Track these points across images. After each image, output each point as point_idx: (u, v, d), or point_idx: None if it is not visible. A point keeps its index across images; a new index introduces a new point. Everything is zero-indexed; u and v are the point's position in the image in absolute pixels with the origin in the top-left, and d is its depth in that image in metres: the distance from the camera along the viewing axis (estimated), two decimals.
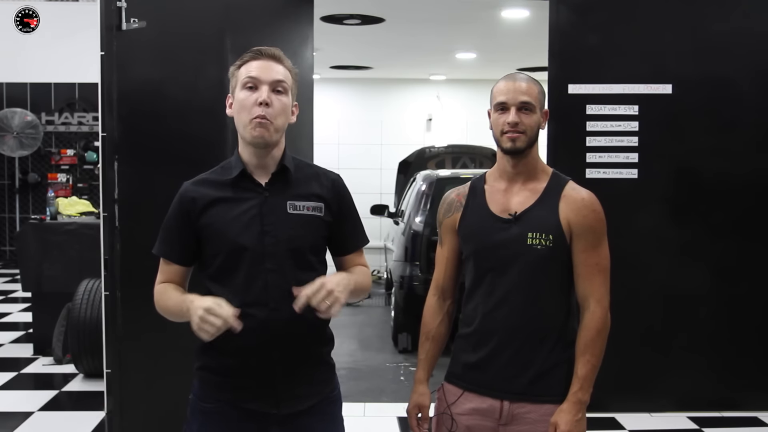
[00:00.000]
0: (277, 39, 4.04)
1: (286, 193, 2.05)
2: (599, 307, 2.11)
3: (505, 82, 2.16)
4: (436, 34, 7.75)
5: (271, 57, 2.03)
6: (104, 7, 3.72)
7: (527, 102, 2.12)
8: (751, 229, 4.76)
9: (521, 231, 2.11)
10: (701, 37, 4.68)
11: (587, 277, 2.11)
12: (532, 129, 2.13)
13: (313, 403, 2.07)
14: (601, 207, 2.15)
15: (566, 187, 2.16)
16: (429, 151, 9.23)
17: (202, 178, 2.10)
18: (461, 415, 2.17)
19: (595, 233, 2.11)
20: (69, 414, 4.79)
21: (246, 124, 2.00)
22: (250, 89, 2.00)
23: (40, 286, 5.93)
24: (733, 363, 4.75)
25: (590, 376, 2.08)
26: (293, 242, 2.01)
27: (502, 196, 2.17)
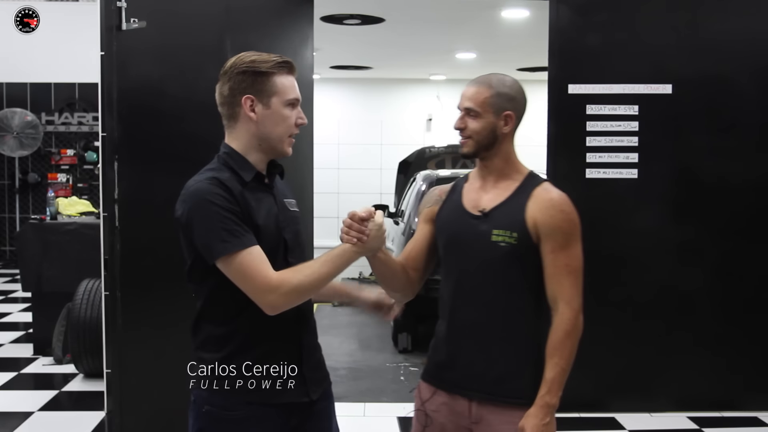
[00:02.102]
0: (277, 39, 4.04)
1: (280, 192, 2.14)
2: (568, 308, 2.09)
3: (465, 85, 2.20)
4: (436, 34, 7.74)
5: (295, 73, 2.09)
6: (104, 7, 3.73)
7: (469, 108, 2.15)
8: (750, 228, 4.76)
9: (488, 228, 2.13)
10: (701, 37, 4.68)
11: (556, 278, 2.10)
12: (479, 134, 2.14)
13: (327, 387, 2.17)
14: (572, 208, 2.13)
15: (538, 187, 2.16)
16: (429, 151, 9.23)
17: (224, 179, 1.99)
18: (436, 412, 2.20)
19: (564, 234, 2.10)
20: (69, 414, 4.79)
21: (282, 139, 2.06)
22: (292, 107, 2.05)
23: (40, 286, 5.93)
24: (733, 363, 4.75)
25: (558, 379, 2.07)
26: (301, 236, 2.15)
27: (476, 193, 2.21)
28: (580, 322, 2.11)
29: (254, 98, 2.02)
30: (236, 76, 2.03)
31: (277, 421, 2.03)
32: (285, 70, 2.05)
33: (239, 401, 2.00)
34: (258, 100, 2.02)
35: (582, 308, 2.12)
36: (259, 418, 2.01)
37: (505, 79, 2.20)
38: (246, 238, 1.93)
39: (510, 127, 2.17)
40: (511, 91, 2.17)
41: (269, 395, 2.01)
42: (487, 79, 2.18)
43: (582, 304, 2.12)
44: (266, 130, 2.03)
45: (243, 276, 1.92)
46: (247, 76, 2.02)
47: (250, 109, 2.02)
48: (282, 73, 2.04)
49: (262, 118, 2.03)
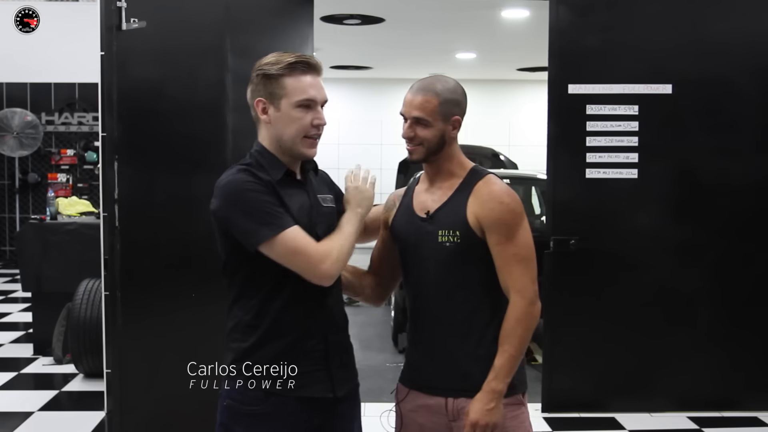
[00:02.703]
0: (277, 39, 4.04)
1: (314, 188, 2.15)
2: (520, 297, 2.09)
3: (408, 92, 2.20)
4: (436, 34, 7.75)
5: (317, 71, 2.08)
6: (104, 7, 3.72)
7: (419, 118, 2.15)
8: (750, 228, 4.76)
9: (433, 229, 2.15)
10: (701, 37, 4.68)
11: (506, 269, 2.11)
12: (431, 141, 2.15)
13: (353, 387, 2.19)
14: (512, 198, 2.13)
15: (479, 182, 2.16)
16: None
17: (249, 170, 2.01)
18: (412, 412, 2.23)
19: (506, 225, 2.10)
20: (69, 414, 4.79)
21: (297, 141, 2.04)
22: (305, 108, 2.03)
23: (40, 286, 5.93)
24: (733, 363, 4.75)
25: (507, 366, 2.08)
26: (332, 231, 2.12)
27: (424, 195, 2.24)
28: (535, 310, 2.11)
29: (266, 101, 2.03)
30: (254, 80, 2.07)
31: (299, 416, 2.03)
32: (299, 70, 2.03)
33: (259, 395, 2.00)
34: (269, 103, 2.03)
35: (537, 295, 2.12)
36: (280, 412, 2.01)
37: (448, 82, 2.20)
38: (285, 218, 1.97)
39: (457, 130, 2.19)
40: (456, 95, 2.19)
41: (290, 390, 2.01)
42: (432, 86, 2.17)
43: (536, 291, 2.12)
44: (279, 133, 2.04)
45: (293, 253, 1.95)
46: (260, 80, 2.04)
47: (263, 112, 2.05)
48: (295, 74, 2.02)
49: (274, 120, 2.04)
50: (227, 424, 2.04)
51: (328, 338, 2.09)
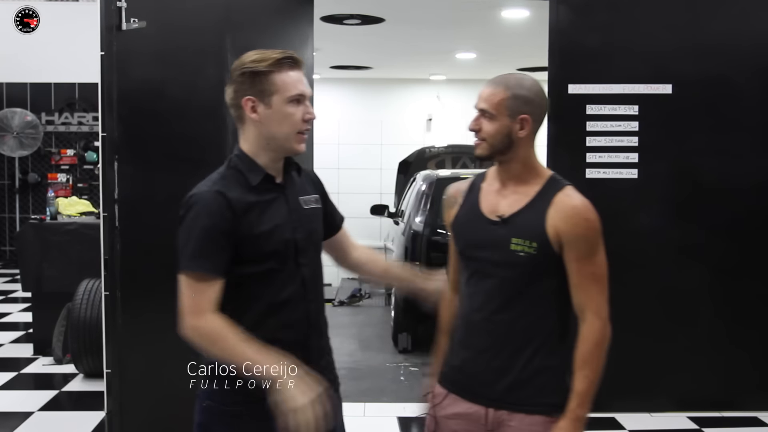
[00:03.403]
0: (277, 39, 4.04)
1: (294, 190, 2.11)
2: (597, 318, 2.03)
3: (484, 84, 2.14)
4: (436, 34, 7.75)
5: (302, 66, 2.06)
6: (104, 7, 3.72)
7: (483, 109, 2.08)
8: (751, 228, 4.76)
9: (506, 235, 2.05)
10: (701, 37, 4.68)
11: (582, 288, 2.03)
12: (493, 137, 2.06)
13: (336, 388, 2.18)
14: (595, 215, 2.06)
15: (560, 193, 2.07)
16: (429, 151, 9.24)
17: (223, 184, 2.00)
18: (447, 419, 2.16)
19: (588, 242, 2.03)
20: (69, 414, 4.79)
21: (290, 137, 2.03)
22: (296, 103, 2.01)
23: (40, 286, 5.93)
24: (733, 363, 4.75)
25: (589, 391, 2.02)
26: (314, 236, 2.13)
27: (494, 196, 2.13)
28: (608, 332, 2.05)
29: (255, 99, 2.00)
30: (238, 78, 2.02)
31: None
32: (286, 66, 2.01)
33: (239, 397, 1.99)
34: (259, 101, 2.00)
35: (609, 316, 2.05)
36: (260, 413, 1.98)
37: (524, 80, 2.11)
38: (212, 264, 1.93)
39: (526, 131, 2.07)
40: (529, 94, 2.07)
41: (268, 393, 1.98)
42: (505, 80, 2.09)
43: (609, 312, 2.05)
44: (271, 130, 2.01)
45: (185, 293, 1.95)
46: (247, 78, 2.00)
47: (252, 110, 2.01)
48: (283, 70, 2.00)
49: (265, 118, 2.01)
50: (207, 424, 2.03)
51: (310, 344, 2.07)
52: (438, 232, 6.40)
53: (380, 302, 8.71)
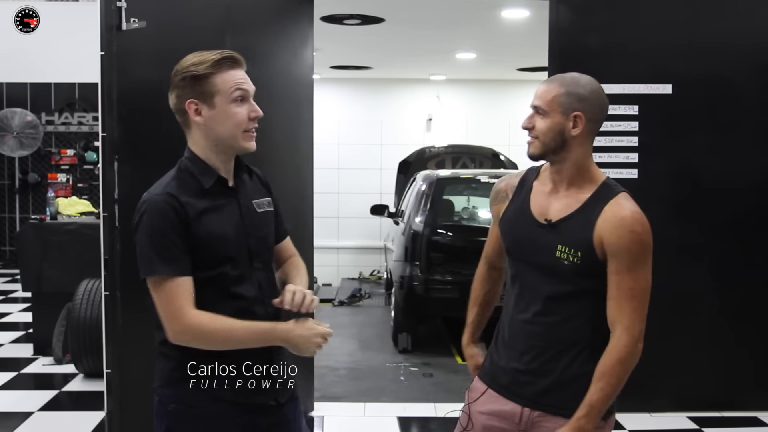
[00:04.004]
0: (277, 39, 4.04)
1: (247, 193, 2.09)
2: (626, 334, 1.97)
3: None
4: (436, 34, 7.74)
5: (243, 65, 2.04)
6: (104, 7, 3.72)
7: (536, 106, 2.05)
8: (751, 228, 4.76)
9: (552, 241, 2.02)
10: (701, 37, 4.68)
11: (617, 302, 1.97)
12: (545, 134, 2.02)
13: (295, 392, 2.15)
14: (645, 228, 1.99)
15: (611, 201, 2.02)
16: (429, 151, 9.23)
17: (174, 187, 1.99)
18: (481, 414, 2.16)
19: (631, 255, 1.96)
20: (69, 414, 4.79)
21: (237, 136, 2.00)
22: (240, 102, 1.99)
23: (40, 286, 5.92)
24: (733, 363, 4.75)
25: (600, 405, 1.97)
26: (268, 239, 2.11)
27: (545, 198, 2.10)
28: (638, 350, 1.99)
29: (198, 102, 1.99)
30: (179, 83, 2.02)
31: (244, 418, 2.02)
32: (225, 66, 2.00)
33: (206, 398, 1.98)
34: (202, 103, 1.99)
35: (642, 335, 1.99)
36: (226, 414, 2.00)
37: (581, 78, 2.08)
38: (177, 263, 1.92)
39: (580, 129, 2.02)
40: (584, 91, 2.04)
41: (237, 394, 2.00)
42: (561, 77, 2.07)
43: (643, 330, 1.99)
44: (217, 131, 2.00)
45: (159, 300, 1.93)
46: (187, 82, 2.00)
47: (196, 113, 2.00)
48: (222, 70, 1.99)
49: (209, 120, 1.99)
50: (173, 427, 2.01)
51: (272, 348, 2.04)
52: (438, 232, 6.41)
53: (380, 302, 8.71)
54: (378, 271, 10.31)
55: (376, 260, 10.28)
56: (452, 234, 6.54)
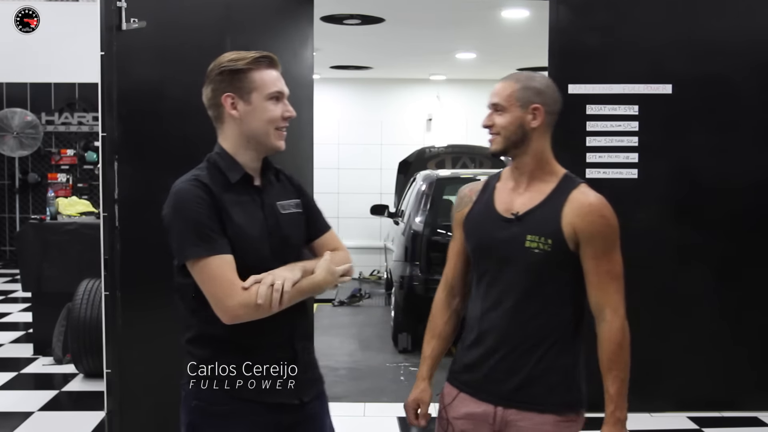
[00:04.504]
0: (277, 39, 4.04)
1: (273, 194, 2.11)
2: (616, 317, 2.03)
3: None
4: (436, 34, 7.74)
5: (279, 66, 2.08)
6: (104, 7, 3.72)
7: (495, 103, 2.11)
8: (750, 228, 4.76)
9: (520, 232, 2.05)
10: (701, 37, 4.68)
11: (600, 286, 2.03)
12: (507, 129, 2.08)
13: (321, 389, 2.16)
14: (611, 212, 2.06)
15: (575, 190, 2.07)
16: (429, 151, 9.23)
17: (204, 179, 2.01)
18: (457, 419, 2.16)
19: (604, 239, 2.02)
20: (69, 414, 4.79)
21: (269, 134, 2.04)
22: (276, 101, 2.04)
23: (40, 286, 5.93)
24: (733, 363, 4.75)
25: (622, 392, 2.03)
26: (292, 240, 2.10)
27: (508, 195, 2.13)
28: (628, 329, 2.06)
29: (234, 96, 2.03)
30: (216, 78, 2.07)
31: (267, 416, 2.03)
32: (264, 64, 2.04)
33: (226, 397, 2.00)
34: (238, 98, 2.03)
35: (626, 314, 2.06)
36: (248, 412, 2.01)
37: (535, 74, 2.16)
38: (218, 243, 1.93)
39: (539, 121, 2.09)
40: (540, 85, 2.11)
41: (258, 394, 2.01)
42: (515, 75, 2.14)
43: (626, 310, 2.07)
44: (251, 126, 2.03)
45: (209, 281, 1.93)
46: (225, 76, 2.04)
47: (232, 107, 2.04)
48: (261, 68, 2.04)
49: (244, 114, 2.03)
50: (196, 423, 2.04)
51: (295, 346, 2.07)
52: (438, 232, 6.40)
53: (380, 302, 8.71)
54: (378, 271, 10.31)
55: (376, 260, 10.28)
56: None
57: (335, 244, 2.20)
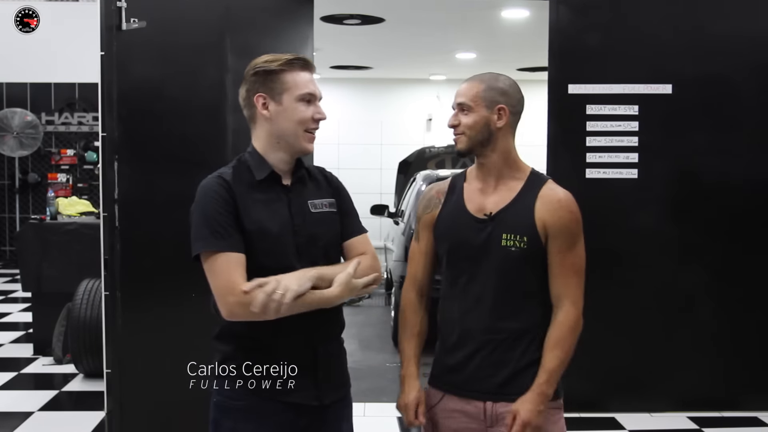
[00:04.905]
0: (277, 39, 4.04)
1: (305, 193, 2.12)
2: (574, 308, 2.09)
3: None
4: (436, 34, 7.75)
5: (313, 69, 2.11)
6: (104, 7, 3.72)
7: (461, 103, 2.14)
8: (750, 228, 4.76)
9: (496, 231, 2.09)
10: (701, 37, 4.68)
11: (562, 278, 2.09)
12: (472, 128, 2.11)
13: (345, 392, 2.17)
14: (577, 207, 2.13)
15: (543, 187, 2.13)
16: (429, 151, 9.24)
17: (229, 176, 2.03)
18: (447, 418, 2.17)
19: (571, 234, 2.09)
20: (69, 414, 4.79)
21: (299, 135, 2.06)
22: (307, 102, 2.06)
23: (40, 286, 5.93)
24: (733, 363, 4.75)
25: (558, 370, 2.08)
26: (321, 239, 2.10)
27: (479, 195, 2.16)
28: (581, 322, 2.11)
29: (266, 96, 2.05)
30: (250, 78, 2.09)
31: (284, 415, 2.04)
32: (297, 66, 2.07)
33: (244, 393, 2.03)
34: (270, 98, 2.05)
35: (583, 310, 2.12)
36: (266, 409, 2.03)
37: (499, 76, 2.19)
38: (229, 241, 1.95)
39: (504, 121, 2.12)
40: (504, 86, 2.15)
41: (275, 392, 2.02)
42: (479, 76, 2.19)
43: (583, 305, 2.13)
44: (281, 127, 2.06)
45: (212, 275, 1.96)
46: (259, 77, 2.06)
47: (263, 107, 2.06)
48: (294, 70, 2.06)
49: (275, 115, 2.05)
50: (217, 419, 2.07)
51: (317, 349, 2.08)
52: None
53: (380, 302, 8.71)
54: None
55: None
56: None
57: (364, 248, 2.18)
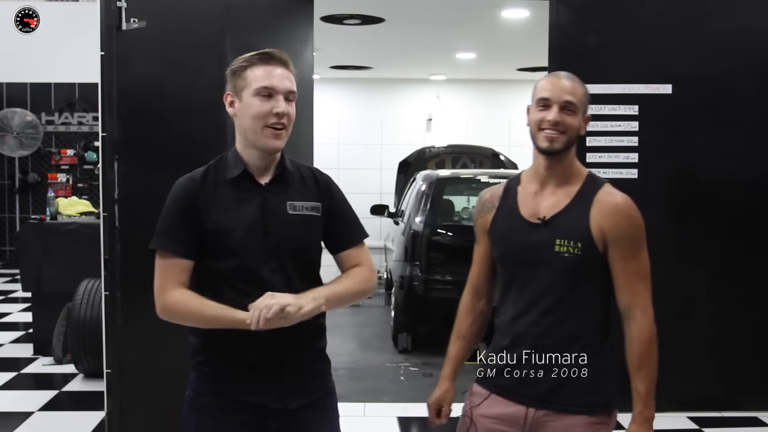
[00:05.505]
0: (277, 39, 4.04)
1: (285, 193, 2.07)
2: (646, 317, 2.03)
3: (550, 78, 2.09)
4: (436, 34, 7.75)
5: (281, 62, 2.04)
6: (104, 7, 3.72)
7: (571, 102, 2.04)
8: (750, 228, 4.76)
9: (549, 237, 2.04)
10: (701, 37, 4.68)
11: (629, 286, 2.03)
12: (573, 130, 2.05)
13: (317, 397, 2.12)
14: (637, 212, 2.06)
15: (600, 191, 2.07)
16: (429, 151, 9.24)
17: (200, 175, 2.07)
18: (485, 418, 2.15)
19: (632, 240, 2.03)
20: (69, 414, 4.79)
21: (258, 132, 2.01)
22: (264, 97, 2.00)
23: (40, 286, 5.93)
24: (732, 363, 4.75)
25: (650, 390, 2.02)
26: (295, 242, 2.05)
27: (533, 199, 2.11)
28: (654, 329, 2.05)
29: (232, 94, 2.06)
30: (226, 79, 2.10)
31: (248, 415, 2.03)
32: (261, 61, 2.02)
33: (210, 390, 2.05)
34: (235, 95, 2.05)
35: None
36: (229, 408, 2.03)
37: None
38: (176, 244, 2.00)
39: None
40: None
41: (237, 391, 2.03)
42: (574, 77, 2.09)
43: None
44: (242, 123, 2.05)
45: (155, 274, 2.03)
46: (228, 76, 2.08)
47: (230, 105, 2.07)
48: (256, 65, 2.02)
49: (239, 112, 2.05)
50: (186, 413, 2.10)
51: (281, 354, 2.02)
52: (438, 232, 6.41)
53: (380, 302, 8.71)
54: (378, 271, 10.30)
55: (376, 260, 10.17)
56: (452, 234, 6.54)
57: (359, 259, 2.14)
